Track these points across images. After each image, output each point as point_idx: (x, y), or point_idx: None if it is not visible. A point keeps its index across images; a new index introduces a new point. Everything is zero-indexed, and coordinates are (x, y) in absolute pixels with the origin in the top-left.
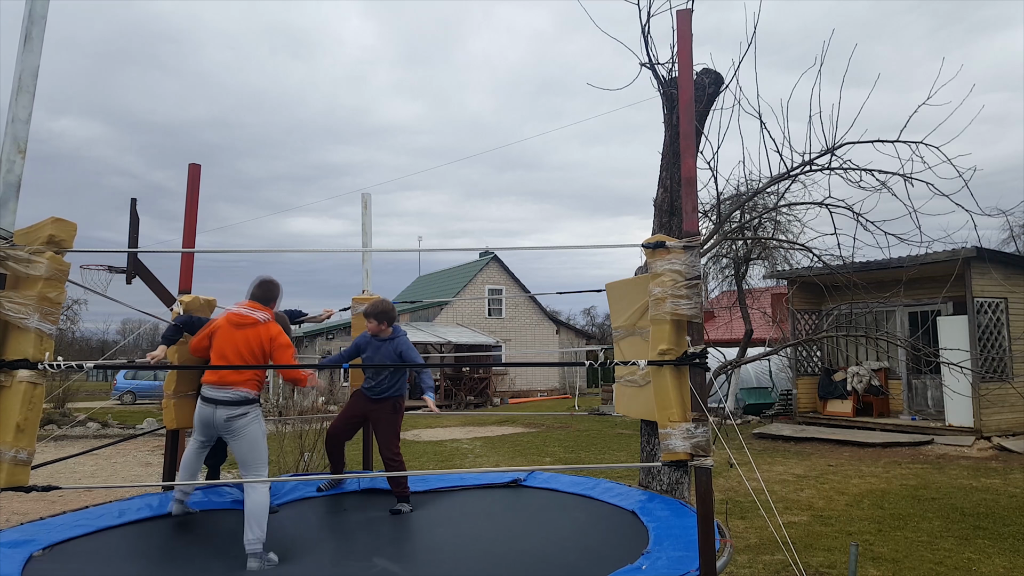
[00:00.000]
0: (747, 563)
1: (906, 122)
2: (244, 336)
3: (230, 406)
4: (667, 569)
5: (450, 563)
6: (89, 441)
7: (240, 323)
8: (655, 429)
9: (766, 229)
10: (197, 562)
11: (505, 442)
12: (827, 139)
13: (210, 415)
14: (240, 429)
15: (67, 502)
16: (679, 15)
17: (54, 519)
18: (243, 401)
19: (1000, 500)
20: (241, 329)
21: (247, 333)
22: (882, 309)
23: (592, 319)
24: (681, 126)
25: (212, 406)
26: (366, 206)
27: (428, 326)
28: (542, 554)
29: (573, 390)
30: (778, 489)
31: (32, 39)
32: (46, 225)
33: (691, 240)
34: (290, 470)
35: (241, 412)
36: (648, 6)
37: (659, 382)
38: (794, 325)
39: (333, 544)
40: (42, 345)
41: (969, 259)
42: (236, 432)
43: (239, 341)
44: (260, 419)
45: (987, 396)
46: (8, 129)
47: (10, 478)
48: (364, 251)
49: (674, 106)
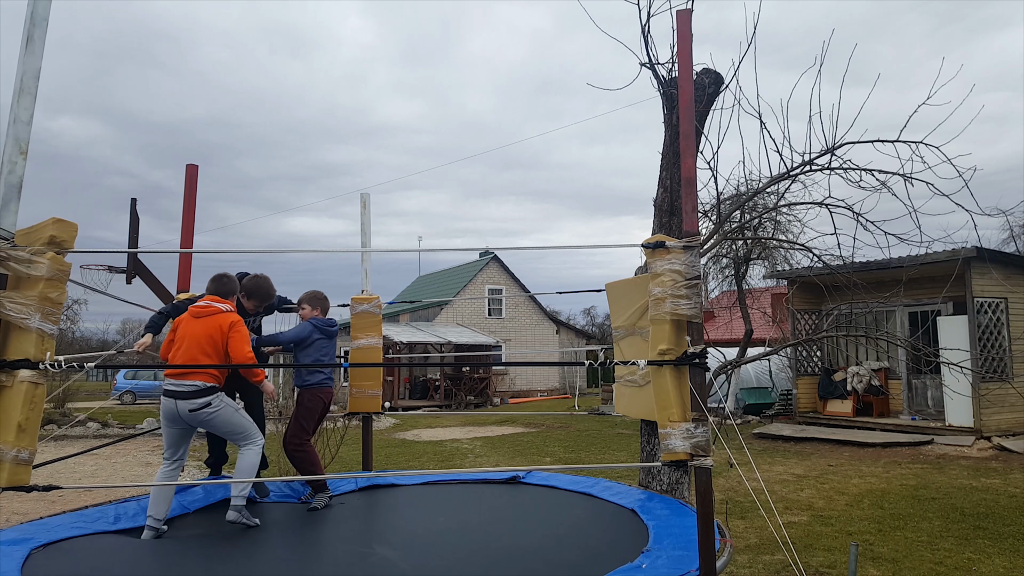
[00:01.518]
0: (747, 563)
1: (906, 122)
2: (203, 324)
3: (190, 398)
4: (667, 568)
5: (449, 561)
6: (89, 441)
7: (199, 313)
8: (655, 429)
9: (766, 229)
10: (198, 562)
11: (505, 442)
12: (827, 139)
13: (172, 408)
14: (208, 419)
15: (67, 502)
16: (679, 15)
17: (53, 519)
18: (202, 391)
19: (1000, 500)
20: (200, 319)
21: (206, 322)
22: (882, 309)
23: (592, 319)
24: (681, 126)
25: (173, 399)
26: (365, 206)
27: (428, 326)
28: (541, 551)
29: (573, 390)
30: (778, 489)
31: (34, 41)
32: (47, 226)
33: (691, 240)
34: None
35: (202, 403)
36: (648, 6)
37: (659, 382)
38: (794, 325)
39: (330, 537)
40: (43, 345)
41: (969, 259)
42: (208, 424)
43: (198, 330)
44: (225, 404)
45: (987, 396)
46: (10, 130)
47: (11, 478)
48: (363, 251)
49: (674, 106)
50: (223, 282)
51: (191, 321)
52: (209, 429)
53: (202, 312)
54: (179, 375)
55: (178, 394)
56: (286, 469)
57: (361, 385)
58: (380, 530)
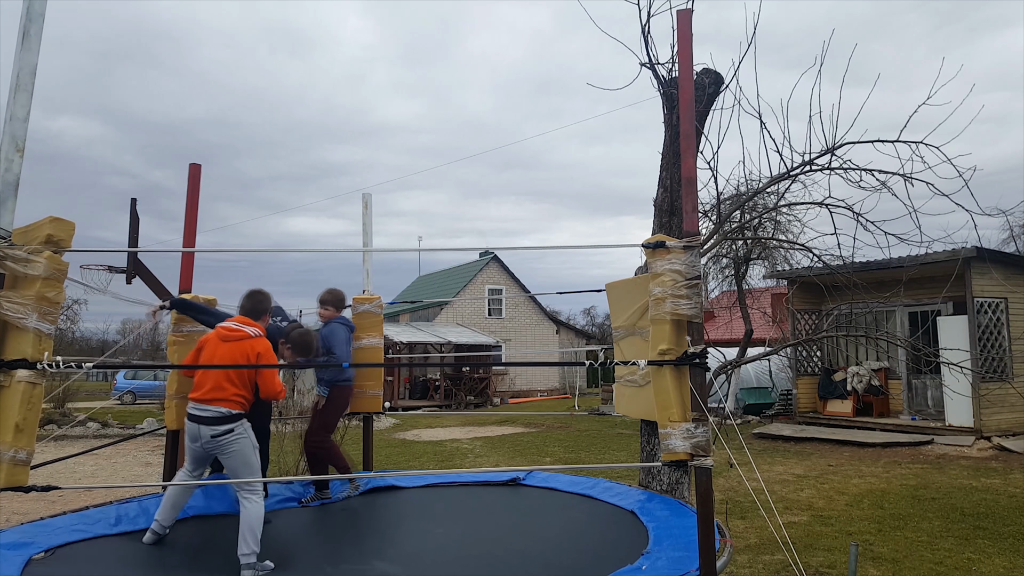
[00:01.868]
0: (747, 563)
1: (906, 122)
2: (230, 349)
3: (213, 424)
4: (667, 569)
5: (449, 562)
6: (89, 441)
7: (227, 336)
8: (655, 429)
9: (766, 229)
10: (197, 564)
11: (505, 442)
12: (827, 139)
13: (195, 431)
14: (227, 447)
15: (67, 502)
16: (679, 15)
17: (54, 520)
18: (226, 418)
19: (1000, 500)
20: (228, 343)
21: (233, 347)
22: (882, 309)
23: (592, 319)
24: (681, 126)
25: (196, 424)
26: (367, 206)
27: (428, 326)
28: (541, 554)
29: (573, 390)
30: (778, 489)
31: (30, 37)
32: (44, 224)
33: (691, 240)
34: (289, 471)
35: (225, 430)
36: (648, 6)
37: (659, 382)
38: (794, 325)
39: (330, 544)
40: (41, 345)
41: (969, 259)
42: (224, 450)
43: (224, 355)
44: (248, 435)
45: (987, 396)
46: (6, 128)
47: (9, 478)
48: (364, 251)
49: (674, 106)
50: (258, 299)
51: (219, 344)
52: (224, 457)
53: (231, 336)
54: (204, 400)
55: (203, 419)
56: (286, 469)
57: (362, 385)
58: (381, 534)
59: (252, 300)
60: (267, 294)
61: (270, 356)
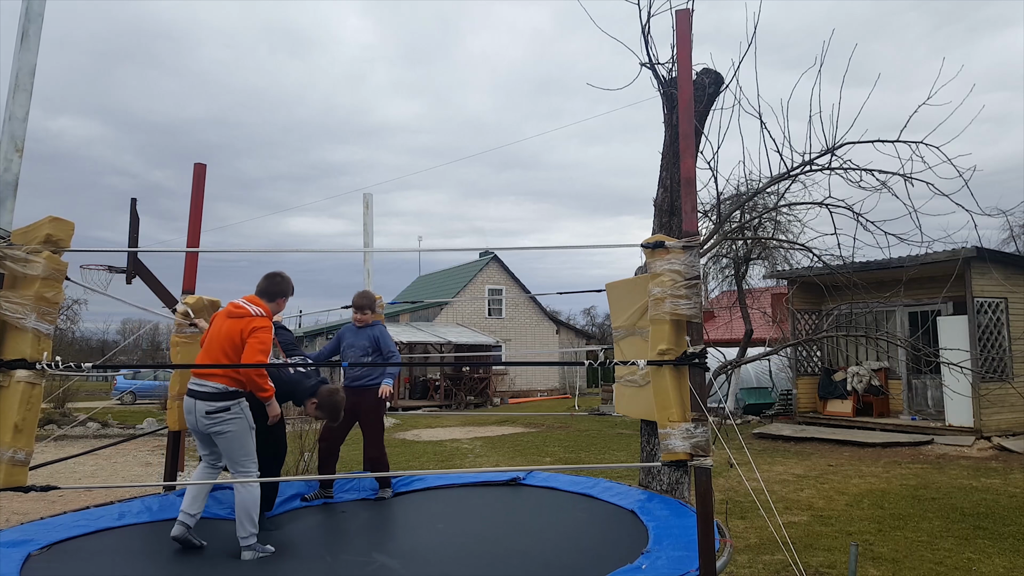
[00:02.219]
0: (747, 563)
1: (906, 122)
2: (228, 326)
3: (208, 399)
4: (667, 569)
5: (449, 561)
6: (89, 441)
7: (231, 313)
8: (655, 429)
9: (766, 229)
10: (197, 563)
11: (505, 442)
12: (827, 139)
13: (191, 406)
14: (222, 427)
15: (67, 502)
16: (679, 15)
17: (54, 519)
18: (220, 395)
19: (1000, 500)
20: (231, 319)
21: (232, 324)
22: (882, 309)
23: (592, 319)
24: (681, 126)
25: (193, 399)
26: (368, 206)
27: (428, 326)
28: (541, 553)
29: (573, 390)
30: (778, 489)
31: (29, 37)
32: (43, 224)
33: (691, 240)
34: (289, 471)
35: (220, 407)
36: (648, 6)
37: (659, 382)
38: (794, 325)
39: (331, 542)
40: (39, 345)
41: (969, 259)
42: (218, 429)
43: (223, 331)
44: (244, 415)
45: (987, 396)
46: (5, 128)
47: (8, 478)
48: (365, 251)
49: (674, 106)
50: (274, 281)
51: (224, 320)
52: (218, 438)
53: (234, 312)
54: (201, 375)
55: (198, 394)
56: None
57: None
58: (381, 534)
59: (268, 281)
60: (286, 277)
61: (261, 333)
